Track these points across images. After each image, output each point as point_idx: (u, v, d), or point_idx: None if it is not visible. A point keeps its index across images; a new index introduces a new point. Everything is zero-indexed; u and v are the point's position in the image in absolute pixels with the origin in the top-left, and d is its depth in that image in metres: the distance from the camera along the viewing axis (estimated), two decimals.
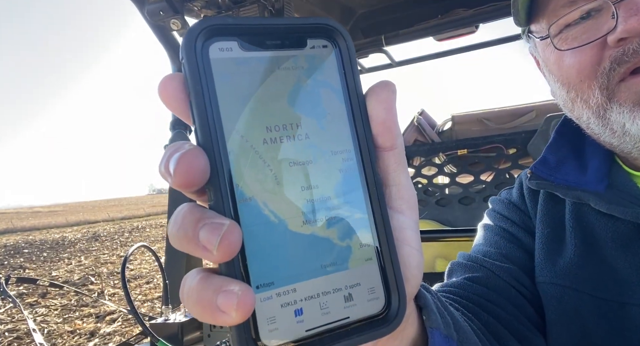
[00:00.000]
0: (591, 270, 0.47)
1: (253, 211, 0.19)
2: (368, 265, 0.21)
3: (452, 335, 0.33)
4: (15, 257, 10.03)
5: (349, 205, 0.21)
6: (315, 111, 0.22)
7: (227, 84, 0.20)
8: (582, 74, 0.47)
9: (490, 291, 0.49)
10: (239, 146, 0.20)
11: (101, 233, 14.94)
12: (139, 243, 0.79)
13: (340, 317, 0.20)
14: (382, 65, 2.25)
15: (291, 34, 0.22)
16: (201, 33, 0.19)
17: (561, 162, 0.55)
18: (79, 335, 3.63)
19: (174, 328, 0.78)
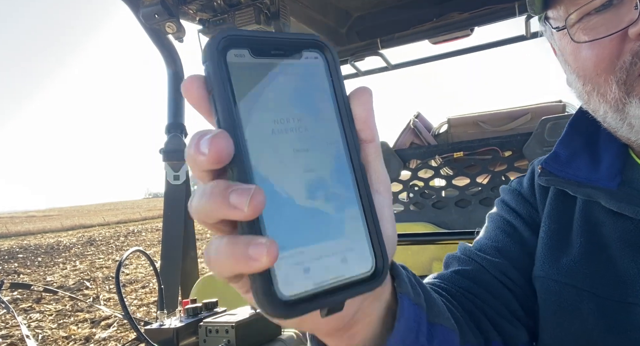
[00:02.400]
0: (594, 269, 0.47)
1: (266, 187, 0.23)
2: (358, 234, 0.27)
3: (420, 304, 0.36)
4: (10, 262, 9.94)
5: (341, 185, 0.26)
6: (312, 109, 0.26)
7: (241, 83, 0.24)
8: (599, 67, 0.45)
9: (476, 285, 0.51)
10: (254, 134, 0.24)
11: (96, 237, 14.84)
12: (134, 248, 0.79)
13: (339, 275, 0.25)
14: (378, 68, 2.26)
15: (290, 46, 0.26)
16: (220, 41, 0.24)
17: (573, 156, 0.53)
18: (73, 341, 3.59)
19: (169, 334, 0.77)
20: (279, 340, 0.84)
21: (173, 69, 1.33)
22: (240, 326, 0.75)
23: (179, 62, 1.35)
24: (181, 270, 1.22)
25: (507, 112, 1.89)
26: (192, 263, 1.27)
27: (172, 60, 1.34)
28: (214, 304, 0.88)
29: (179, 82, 1.34)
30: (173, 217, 1.26)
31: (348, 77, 2.34)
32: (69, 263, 8.65)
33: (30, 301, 4.97)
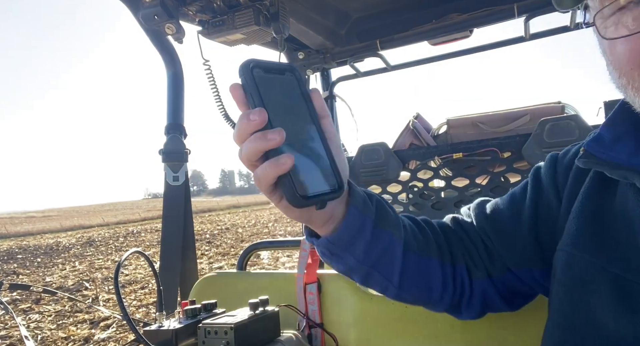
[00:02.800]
0: (622, 251, 0.48)
1: (288, 146, 0.44)
2: (327, 167, 0.48)
3: (367, 213, 0.55)
4: (9, 263, 9.93)
5: (316, 141, 0.48)
6: (294, 99, 0.49)
7: (261, 86, 0.45)
8: (633, 62, 0.46)
9: (463, 231, 0.66)
10: (271, 110, 0.44)
11: (96, 238, 14.82)
12: (133, 249, 0.79)
13: (321, 189, 0.46)
14: (377, 69, 2.26)
15: (280, 69, 0.49)
16: (250, 64, 0.46)
17: (617, 139, 0.53)
18: (73, 341, 3.59)
19: (168, 335, 0.77)
20: (278, 341, 0.84)
21: (172, 69, 1.33)
22: (239, 327, 0.75)
23: (178, 63, 1.35)
24: (180, 271, 1.22)
25: (505, 113, 1.89)
26: (191, 264, 1.27)
27: (171, 61, 1.34)
28: (213, 305, 0.88)
29: (179, 82, 1.34)
30: (172, 218, 1.25)
31: (349, 78, 2.34)
32: (68, 264, 8.64)
33: (29, 302, 4.97)
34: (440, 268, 0.62)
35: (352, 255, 0.56)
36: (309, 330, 0.97)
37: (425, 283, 0.62)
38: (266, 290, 1.01)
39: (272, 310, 0.85)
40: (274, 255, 6.45)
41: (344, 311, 0.96)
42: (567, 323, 0.51)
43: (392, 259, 0.58)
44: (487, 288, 0.64)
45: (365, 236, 0.55)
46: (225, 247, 8.69)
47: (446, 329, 0.85)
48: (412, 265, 0.60)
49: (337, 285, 0.93)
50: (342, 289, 0.95)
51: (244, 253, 1.37)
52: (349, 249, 0.55)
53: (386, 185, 1.95)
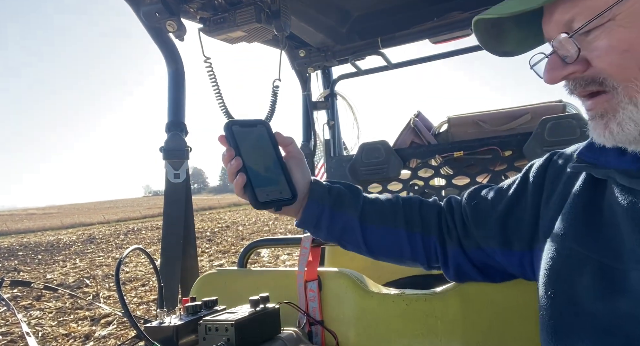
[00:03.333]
0: (604, 240, 0.54)
1: (249, 169, 0.73)
2: (284, 183, 0.76)
3: (325, 201, 0.80)
4: (10, 260, 9.95)
5: (276, 167, 0.77)
6: (263, 142, 0.77)
7: (238, 137, 0.74)
8: None
9: (449, 209, 0.80)
10: (246, 155, 0.74)
11: (96, 235, 14.84)
12: (134, 246, 0.79)
13: (279, 197, 0.75)
14: (378, 67, 2.26)
15: (253, 124, 0.77)
16: (231, 123, 0.74)
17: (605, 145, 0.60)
18: (73, 338, 3.60)
19: (169, 332, 0.77)
20: (278, 338, 0.84)
21: (174, 67, 1.33)
22: (240, 324, 0.75)
23: (179, 60, 1.35)
24: (181, 268, 1.23)
25: (507, 112, 1.89)
26: (192, 262, 1.27)
27: (172, 58, 1.34)
28: (214, 302, 0.89)
29: (180, 80, 1.34)
30: (173, 215, 1.26)
31: (350, 76, 2.34)
32: (69, 261, 8.66)
33: (30, 299, 4.98)
34: (407, 236, 0.79)
35: (321, 231, 0.82)
36: (309, 327, 0.97)
37: (392, 247, 0.81)
38: (267, 287, 1.01)
39: (273, 307, 0.85)
40: (274, 253, 6.46)
41: (344, 308, 0.96)
42: (550, 302, 0.57)
43: (352, 231, 0.80)
44: (459, 257, 0.77)
45: (325, 218, 0.80)
46: (226, 245, 8.70)
47: (446, 326, 0.85)
48: (375, 234, 0.80)
49: (338, 283, 0.93)
50: (343, 286, 0.95)
51: (244, 250, 1.37)
52: (317, 227, 0.81)
53: (387, 183, 1.95)
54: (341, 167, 1.99)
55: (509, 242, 0.70)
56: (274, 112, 1.46)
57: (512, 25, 0.59)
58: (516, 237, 0.69)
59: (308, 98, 2.21)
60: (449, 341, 0.84)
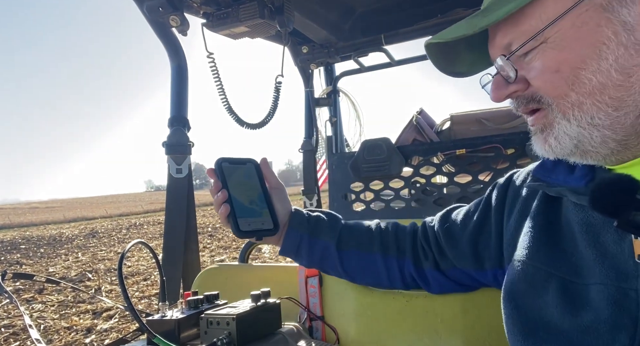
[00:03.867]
0: (564, 257, 0.56)
1: (235, 201, 0.80)
2: (267, 215, 0.82)
3: (304, 230, 0.85)
4: (12, 253, 10.00)
5: (260, 200, 0.83)
6: (250, 178, 0.84)
7: (227, 173, 0.81)
8: None
9: (423, 231, 0.84)
10: (232, 188, 0.80)
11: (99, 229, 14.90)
12: (136, 240, 0.79)
13: (260, 227, 0.80)
14: (381, 64, 2.25)
15: (243, 162, 0.85)
16: (220, 160, 0.82)
17: (557, 163, 0.63)
18: (75, 331, 3.62)
19: (170, 325, 0.78)
20: (279, 333, 0.84)
21: (177, 62, 1.33)
22: (241, 318, 0.75)
23: (182, 55, 1.35)
24: (183, 262, 1.23)
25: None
26: (193, 256, 1.28)
27: (175, 53, 1.34)
28: (215, 296, 0.89)
29: (183, 75, 1.34)
30: (175, 210, 1.26)
31: (352, 73, 2.33)
32: (71, 255, 8.70)
33: (32, 292, 5.01)
34: (383, 260, 0.83)
35: (302, 258, 0.86)
36: (309, 322, 0.98)
37: (369, 271, 0.84)
38: (268, 282, 1.02)
39: (274, 302, 0.86)
40: (275, 249, 6.49)
41: (345, 304, 0.96)
42: (519, 319, 0.59)
43: (331, 257, 0.85)
44: (438, 277, 0.80)
45: (304, 244, 0.84)
46: (227, 240, 8.73)
47: (447, 323, 0.85)
48: (352, 258, 0.84)
49: (339, 279, 0.93)
50: (344, 283, 0.95)
51: (245, 246, 1.38)
52: (297, 254, 0.86)
53: (388, 180, 1.95)
54: (343, 163, 1.99)
55: (481, 262, 0.74)
56: (276, 108, 1.46)
57: (463, 48, 0.63)
58: (486, 256, 0.73)
59: (310, 95, 2.21)
60: (449, 338, 0.84)
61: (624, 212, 0.41)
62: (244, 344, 0.75)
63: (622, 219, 0.41)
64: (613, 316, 0.49)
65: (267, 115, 1.45)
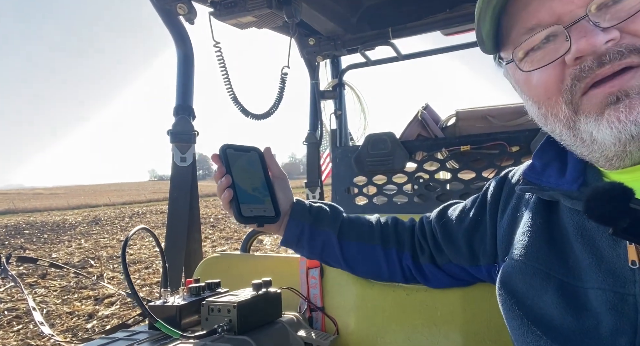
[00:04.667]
0: (561, 259, 0.56)
1: (238, 187, 0.80)
2: (269, 202, 0.83)
3: (305, 220, 0.85)
4: (16, 238, 10.10)
5: (263, 187, 0.84)
6: (254, 166, 0.85)
7: (231, 159, 0.82)
8: (548, 91, 0.53)
9: (421, 227, 0.84)
10: (236, 175, 0.81)
11: (102, 217, 15.00)
12: (140, 226, 0.80)
13: (262, 214, 0.81)
14: (388, 58, 2.24)
15: (247, 149, 0.85)
16: (225, 146, 0.82)
17: (546, 166, 0.62)
18: (77, 317, 3.67)
19: (172, 311, 0.79)
20: (279, 321, 0.85)
21: (183, 50, 1.33)
22: (242, 306, 0.76)
23: (189, 43, 1.35)
24: (185, 250, 1.24)
25: (516, 107, 1.87)
26: (196, 245, 1.29)
27: (182, 41, 1.34)
28: (217, 285, 0.90)
29: (189, 63, 1.34)
30: (179, 199, 1.27)
31: (358, 66, 2.32)
32: (74, 241, 8.78)
33: (35, 277, 5.07)
34: (383, 252, 0.84)
35: (303, 248, 0.86)
36: (309, 313, 0.99)
37: (369, 262, 0.85)
38: (269, 272, 1.02)
39: (275, 291, 0.86)
40: (276, 241, 6.50)
41: (345, 296, 0.97)
42: (519, 318, 0.58)
43: (332, 248, 0.85)
44: (435, 271, 0.81)
45: (305, 235, 0.84)
46: (229, 231, 8.77)
47: (446, 317, 0.86)
48: (353, 249, 0.85)
49: (340, 271, 0.94)
50: (344, 274, 0.96)
51: (248, 235, 1.39)
52: (298, 245, 0.85)
53: (392, 175, 1.95)
54: (346, 157, 1.99)
55: (476, 258, 0.75)
56: (281, 99, 1.46)
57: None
58: (481, 252, 0.73)
59: (316, 87, 2.20)
60: (448, 331, 0.85)
61: (619, 220, 0.41)
62: (245, 331, 0.76)
63: (617, 227, 0.41)
64: (613, 321, 0.49)
65: (272, 106, 1.45)
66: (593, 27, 0.48)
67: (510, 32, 0.56)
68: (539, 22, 0.52)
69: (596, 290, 0.51)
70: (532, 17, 0.53)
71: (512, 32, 0.56)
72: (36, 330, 3.26)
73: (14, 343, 3.03)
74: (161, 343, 0.72)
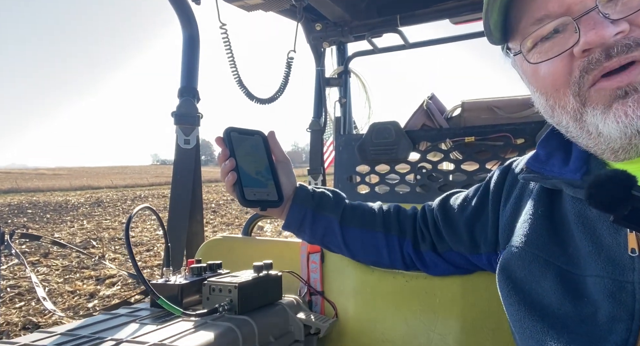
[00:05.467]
0: (562, 247, 0.57)
1: (242, 171, 0.80)
2: (272, 186, 0.83)
3: (308, 205, 0.85)
4: (19, 217, 10.19)
5: (266, 171, 0.84)
6: (257, 149, 0.85)
7: (235, 142, 0.82)
8: (556, 83, 0.53)
9: (422, 215, 0.85)
10: (240, 159, 0.81)
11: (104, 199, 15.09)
12: (144, 205, 0.80)
13: (265, 198, 0.81)
14: (395, 46, 2.21)
15: (251, 133, 0.85)
16: (229, 129, 0.82)
17: (550, 155, 0.62)
18: (78, 295, 3.72)
19: (174, 290, 0.79)
20: (279, 303, 0.86)
21: (189, 31, 1.31)
22: (243, 287, 0.77)
23: (195, 24, 1.33)
24: (187, 232, 1.25)
25: (523, 99, 1.85)
26: (198, 227, 1.29)
27: (188, 22, 1.32)
28: (218, 266, 0.91)
29: (195, 44, 1.32)
30: (182, 180, 1.27)
31: (365, 54, 2.30)
32: (76, 222, 8.85)
33: (37, 255, 5.12)
34: (385, 238, 0.85)
35: (305, 233, 0.87)
36: (309, 296, 1.00)
37: (371, 248, 0.86)
38: (270, 256, 1.03)
39: (275, 274, 0.87)
40: (277, 228, 6.54)
41: (345, 281, 0.98)
42: (517, 304, 0.59)
43: (333, 233, 0.86)
44: (436, 259, 0.82)
45: (308, 220, 0.85)
46: (230, 217, 8.82)
47: (445, 304, 0.87)
48: (354, 235, 0.86)
49: (340, 256, 0.94)
50: (345, 260, 0.96)
51: (250, 219, 1.39)
52: (300, 229, 0.86)
53: (395, 164, 1.94)
54: (350, 145, 1.99)
55: (477, 246, 0.75)
56: (287, 83, 1.45)
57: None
58: (482, 240, 0.74)
59: (321, 74, 2.18)
60: (446, 318, 0.86)
61: (620, 208, 0.41)
62: (245, 311, 0.76)
63: (618, 214, 0.41)
64: (610, 308, 0.49)
65: (277, 90, 1.44)
66: (602, 19, 0.48)
67: (518, 23, 0.56)
68: (548, 13, 0.52)
69: (595, 277, 0.52)
70: (541, 7, 0.52)
71: (520, 23, 0.55)
72: (38, 307, 3.31)
73: (17, 320, 3.07)
74: (163, 320, 0.73)
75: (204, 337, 0.66)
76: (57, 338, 0.64)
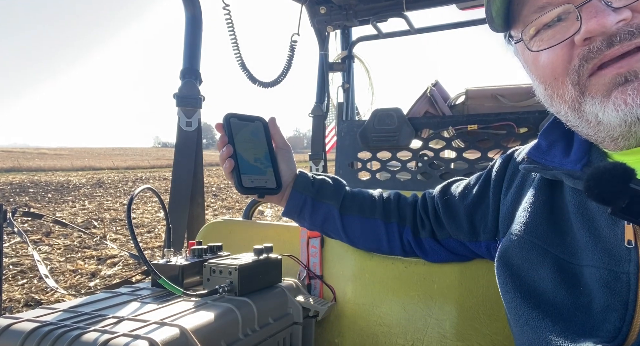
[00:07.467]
0: (560, 236, 0.58)
1: (240, 158, 0.80)
2: (271, 173, 0.83)
3: (308, 192, 0.85)
4: (21, 195, 10.24)
5: (266, 158, 0.84)
6: (257, 135, 0.85)
7: (234, 128, 0.82)
8: (555, 71, 0.53)
9: (423, 202, 0.85)
10: (239, 145, 0.81)
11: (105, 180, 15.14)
12: (145, 185, 0.80)
13: (263, 185, 0.81)
14: (400, 31, 2.18)
15: (251, 119, 0.85)
16: (229, 115, 0.82)
17: (551, 145, 0.62)
18: (80, 275, 3.77)
19: (175, 270, 0.80)
20: (279, 286, 0.87)
21: (192, 12, 1.30)
22: (243, 269, 0.78)
23: (198, 5, 1.31)
24: (188, 214, 1.26)
25: (528, 87, 1.83)
26: (199, 209, 1.30)
27: (191, 3, 1.30)
28: (219, 248, 0.92)
29: (197, 26, 1.31)
30: (183, 162, 1.27)
31: (369, 38, 2.27)
32: (78, 202, 8.90)
33: (39, 234, 5.17)
34: (384, 226, 0.85)
35: (305, 220, 0.87)
36: (308, 280, 1.01)
37: (370, 235, 0.86)
38: (270, 239, 1.04)
39: (275, 257, 0.88)
40: (277, 213, 6.58)
41: (344, 266, 0.99)
42: (514, 291, 0.60)
43: (333, 220, 0.86)
44: (435, 246, 0.83)
45: (307, 207, 0.85)
46: (231, 201, 8.86)
47: (442, 291, 0.88)
48: (354, 223, 0.86)
49: (340, 242, 0.95)
50: (344, 245, 0.97)
51: (250, 203, 1.40)
52: (300, 216, 0.86)
53: (396, 151, 1.94)
54: (352, 131, 1.98)
55: (476, 233, 0.76)
56: (290, 67, 1.44)
57: None
58: (482, 228, 0.75)
59: (325, 59, 2.16)
60: (443, 304, 0.87)
61: (618, 200, 0.41)
62: (245, 293, 0.78)
63: (616, 207, 0.41)
64: (605, 298, 0.50)
65: (280, 74, 1.43)
66: (605, 7, 0.47)
67: (520, 10, 0.55)
68: (550, 1, 0.51)
69: (591, 267, 0.52)
70: None
71: (522, 11, 0.55)
72: (40, 285, 3.36)
73: (19, 297, 3.12)
74: (163, 300, 0.74)
75: (204, 317, 0.67)
76: (60, 314, 0.65)
